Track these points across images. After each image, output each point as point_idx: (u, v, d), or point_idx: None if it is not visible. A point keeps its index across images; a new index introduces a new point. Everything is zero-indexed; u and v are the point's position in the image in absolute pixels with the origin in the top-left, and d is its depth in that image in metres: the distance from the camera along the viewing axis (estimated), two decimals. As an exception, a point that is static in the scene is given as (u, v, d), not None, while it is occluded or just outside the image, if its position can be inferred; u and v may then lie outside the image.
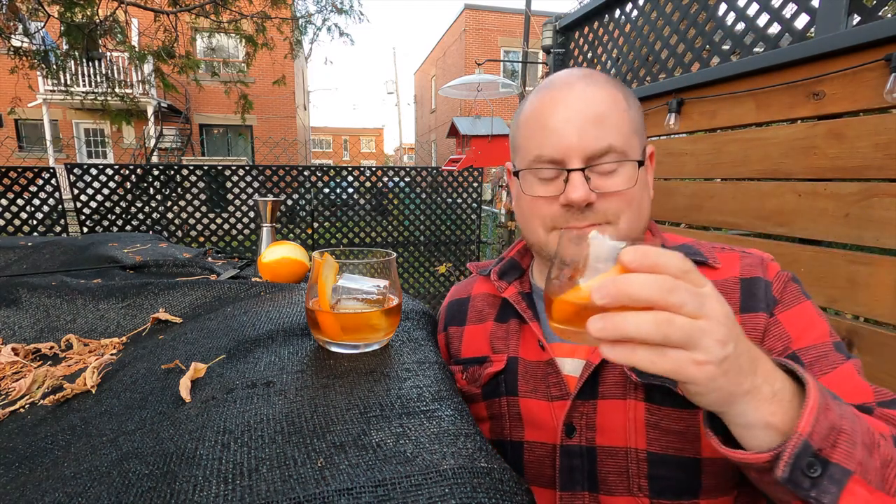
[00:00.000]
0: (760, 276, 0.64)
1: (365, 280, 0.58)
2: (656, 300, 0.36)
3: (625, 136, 0.63)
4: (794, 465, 0.38)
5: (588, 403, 0.62)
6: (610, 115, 0.63)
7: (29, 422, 0.50)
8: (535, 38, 4.01)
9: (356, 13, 6.36)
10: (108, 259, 1.12)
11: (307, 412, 0.42)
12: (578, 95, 0.63)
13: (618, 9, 2.25)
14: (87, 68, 10.97)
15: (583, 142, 0.62)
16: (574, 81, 0.65)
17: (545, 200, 0.65)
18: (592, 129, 0.62)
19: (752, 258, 0.66)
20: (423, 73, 23.53)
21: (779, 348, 0.59)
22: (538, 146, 0.65)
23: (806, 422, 0.39)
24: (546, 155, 0.64)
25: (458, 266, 4.96)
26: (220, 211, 4.31)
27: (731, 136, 1.60)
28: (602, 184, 0.63)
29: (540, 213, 0.67)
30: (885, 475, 0.40)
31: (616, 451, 0.61)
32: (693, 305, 0.36)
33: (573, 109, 0.62)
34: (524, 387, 0.68)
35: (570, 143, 0.62)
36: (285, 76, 6.87)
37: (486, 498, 0.33)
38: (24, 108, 8.66)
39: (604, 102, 0.63)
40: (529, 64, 6.21)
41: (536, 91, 0.69)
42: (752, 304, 0.62)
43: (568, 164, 0.62)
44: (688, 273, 0.37)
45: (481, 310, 0.79)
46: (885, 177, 1.16)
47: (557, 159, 0.63)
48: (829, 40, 1.26)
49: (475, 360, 0.75)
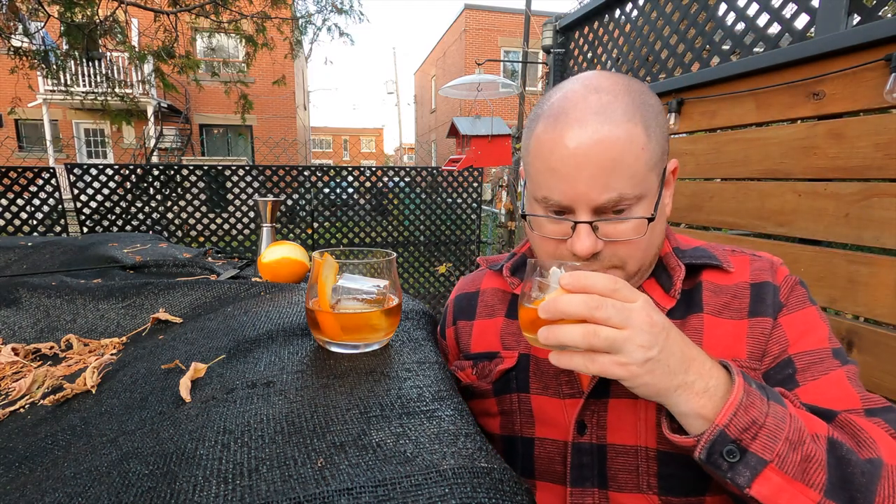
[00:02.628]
0: (769, 281, 0.64)
1: (365, 280, 0.58)
2: (585, 315, 0.45)
3: (639, 179, 0.58)
4: (710, 449, 0.46)
5: (600, 402, 0.63)
6: (623, 158, 0.57)
7: (29, 422, 0.50)
8: (535, 38, 4.01)
9: (356, 13, 6.37)
10: (108, 259, 1.12)
11: (307, 412, 0.42)
12: (590, 137, 0.57)
13: (618, 9, 2.26)
14: (87, 68, 10.96)
15: (591, 192, 0.58)
16: (588, 118, 0.58)
17: (553, 242, 0.64)
18: (602, 177, 0.57)
19: (762, 262, 0.67)
20: (423, 73, 23.53)
21: (775, 352, 0.60)
22: (547, 188, 0.61)
23: (724, 415, 0.46)
24: (554, 200, 0.61)
25: (458, 266, 4.96)
26: (220, 211, 4.31)
27: (731, 136, 1.60)
28: (611, 231, 0.60)
29: (547, 250, 0.65)
30: (806, 468, 0.45)
31: (626, 450, 0.61)
32: (618, 318, 0.45)
33: (581, 157, 0.57)
34: (536, 384, 0.68)
35: (578, 193, 0.58)
36: (285, 76, 6.87)
37: (486, 498, 0.33)
38: (24, 108, 8.66)
39: (617, 145, 0.57)
40: (529, 64, 6.21)
41: (547, 116, 0.61)
42: (760, 308, 0.63)
43: (576, 213, 0.60)
44: (616, 291, 0.46)
45: (492, 305, 0.79)
46: (885, 177, 1.16)
47: (565, 206, 0.60)
48: (829, 40, 1.26)
49: (485, 356, 0.75)
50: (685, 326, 0.64)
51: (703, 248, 0.70)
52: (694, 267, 0.67)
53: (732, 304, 0.64)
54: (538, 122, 0.63)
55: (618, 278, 0.47)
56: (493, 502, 0.33)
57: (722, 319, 0.63)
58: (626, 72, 2.23)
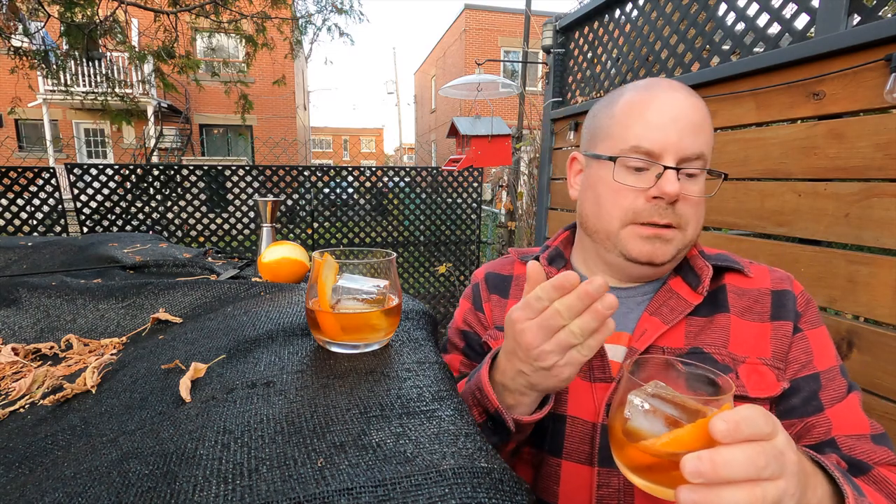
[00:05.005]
0: (789, 290, 0.70)
1: (365, 280, 0.58)
2: (752, 478, 0.37)
3: (710, 149, 0.68)
4: None
5: None
6: (705, 126, 0.67)
7: (29, 422, 0.50)
8: (535, 38, 4.01)
9: (356, 13, 6.37)
10: (108, 259, 1.12)
11: (307, 412, 0.42)
12: (682, 101, 0.67)
13: (618, 9, 2.25)
14: (87, 68, 10.96)
15: (682, 143, 0.65)
16: (677, 88, 0.69)
17: (632, 191, 0.68)
18: (691, 133, 0.65)
19: (780, 273, 0.73)
20: (423, 73, 23.53)
21: (803, 360, 0.66)
22: (637, 137, 0.67)
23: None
24: (644, 146, 0.66)
25: (458, 266, 4.96)
26: (220, 211, 4.31)
27: (731, 136, 1.60)
28: (686, 187, 0.67)
29: (622, 203, 0.69)
30: None
31: None
32: (778, 470, 0.38)
33: (677, 111, 0.66)
34: None
35: (670, 141, 0.65)
36: (285, 76, 6.88)
37: (486, 498, 0.33)
38: (24, 108, 8.65)
39: (702, 113, 0.67)
40: (529, 64, 6.21)
41: (635, 88, 0.71)
42: (782, 313, 0.68)
43: (664, 160, 0.65)
44: (770, 434, 0.39)
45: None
46: (885, 177, 1.16)
47: (655, 153, 0.66)
48: (830, 40, 1.26)
49: None
50: (712, 324, 0.68)
51: (725, 255, 0.75)
52: (718, 269, 0.73)
53: (755, 308, 0.69)
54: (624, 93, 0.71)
55: (769, 414, 0.40)
56: (493, 502, 0.33)
57: (745, 321, 0.68)
58: (625, 72, 2.23)
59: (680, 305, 0.70)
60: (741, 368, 0.65)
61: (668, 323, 0.68)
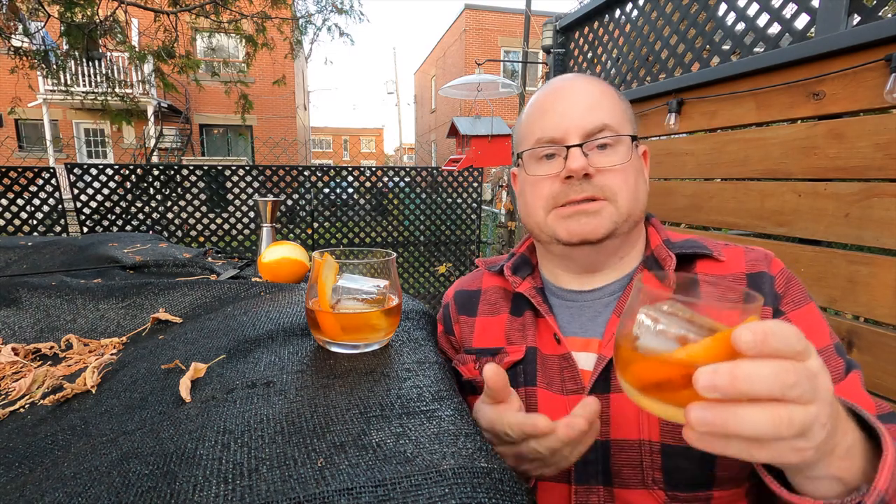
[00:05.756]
0: (765, 271, 0.66)
1: (365, 280, 0.58)
2: (776, 396, 0.32)
3: (618, 119, 0.69)
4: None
5: (602, 397, 0.63)
6: (603, 101, 0.69)
7: (29, 422, 0.50)
8: (535, 38, 4.01)
9: (356, 13, 6.37)
10: (108, 259, 1.12)
11: (307, 412, 0.42)
12: (576, 87, 0.70)
13: (618, 9, 2.25)
14: (87, 68, 10.96)
15: (582, 120, 0.67)
16: (572, 78, 0.73)
17: (547, 179, 0.69)
18: (588, 110, 0.68)
19: (756, 253, 0.68)
20: (423, 73, 23.52)
21: None
22: (540, 129, 0.70)
23: (884, 480, 0.39)
24: (547, 136, 0.69)
25: (458, 266, 4.96)
26: (220, 211, 4.31)
27: (732, 136, 1.60)
28: (599, 160, 0.67)
29: (541, 193, 0.70)
30: None
31: (630, 445, 0.61)
32: (809, 394, 0.33)
33: (571, 97, 0.69)
34: (541, 378, 0.69)
35: (569, 123, 0.68)
36: (285, 76, 6.88)
37: (486, 498, 0.33)
38: (24, 108, 8.66)
39: (598, 91, 0.70)
40: (529, 64, 6.21)
41: (538, 91, 0.76)
42: None
43: (568, 141, 0.67)
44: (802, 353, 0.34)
45: (495, 302, 0.80)
46: (885, 177, 1.16)
47: (557, 138, 0.68)
48: (830, 40, 1.26)
49: (489, 351, 0.75)
50: None
51: (693, 240, 0.72)
52: (686, 257, 0.70)
53: (729, 297, 0.64)
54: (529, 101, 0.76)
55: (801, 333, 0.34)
56: (492, 502, 0.33)
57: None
58: (626, 72, 2.23)
59: None
60: None
61: None
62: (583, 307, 0.72)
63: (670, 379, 0.35)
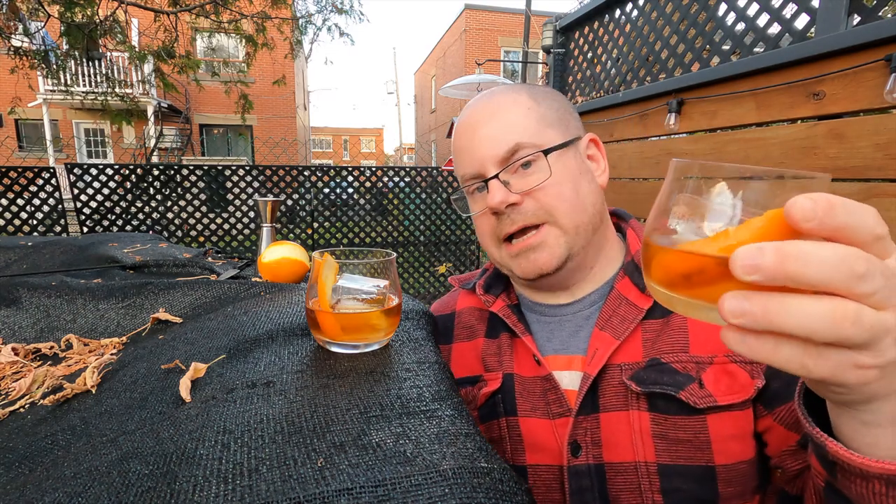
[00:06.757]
0: None
1: (365, 280, 0.58)
2: (838, 288, 0.24)
3: (532, 131, 0.64)
4: None
5: (590, 418, 0.60)
6: (509, 115, 0.64)
7: (29, 422, 0.50)
8: (536, 38, 4.01)
9: (356, 13, 6.37)
10: (108, 259, 1.12)
11: (307, 412, 0.42)
12: (479, 111, 0.66)
13: (618, 9, 2.26)
14: (87, 68, 10.97)
15: (491, 151, 0.64)
16: (474, 103, 0.68)
17: (484, 215, 0.68)
18: (495, 134, 0.64)
19: None
20: (423, 73, 23.53)
21: None
22: (461, 168, 0.69)
23: None
24: (468, 173, 0.67)
25: (458, 266, 4.96)
26: (220, 211, 4.32)
27: (732, 136, 1.60)
28: (522, 183, 0.63)
29: (484, 230, 0.69)
30: None
31: (625, 467, 0.58)
32: (884, 293, 0.25)
33: (480, 128, 0.65)
34: (523, 405, 0.66)
35: (481, 155, 0.64)
36: (285, 76, 6.88)
37: (486, 498, 0.33)
38: (24, 108, 8.65)
39: (501, 108, 0.65)
40: (529, 64, 6.21)
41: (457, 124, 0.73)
42: None
43: (486, 174, 0.64)
44: (880, 240, 0.26)
45: (469, 325, 0.77)
46: (885, 177, 1.16)
47: (477, 174, 0.66)
48: (830, 40, 1.26)
49: (468, 381, 0.72)
50: (668, 327, 0.62)
51: None
52: None
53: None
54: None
55: (880, 217, 0.26)
56: (492, 502, 0.33)
57: None
58: (626, 72, 2.23)
59: (631, 313, 0.63)
60: (707, 373, 0.58)
61: (620, 336, 0.62)
62: (562, 322, 0.69)
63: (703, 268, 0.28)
